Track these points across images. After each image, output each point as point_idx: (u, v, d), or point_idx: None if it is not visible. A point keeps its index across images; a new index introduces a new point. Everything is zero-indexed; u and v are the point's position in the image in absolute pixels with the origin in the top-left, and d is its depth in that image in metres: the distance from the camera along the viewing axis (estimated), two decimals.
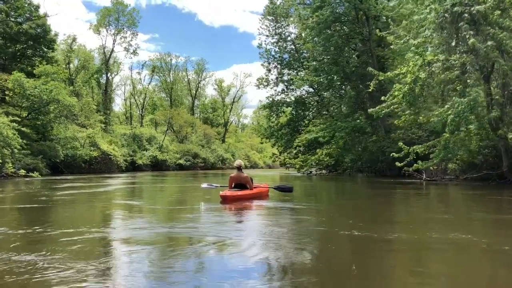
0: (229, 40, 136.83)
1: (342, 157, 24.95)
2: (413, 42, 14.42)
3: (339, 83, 28.21)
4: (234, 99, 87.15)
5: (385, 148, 23.54)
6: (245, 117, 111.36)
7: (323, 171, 31.67)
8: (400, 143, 16.96)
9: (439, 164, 18.10)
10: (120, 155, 44.99)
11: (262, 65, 36.90)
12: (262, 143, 52.38)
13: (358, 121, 25.74)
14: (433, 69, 13.70)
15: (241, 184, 10.28)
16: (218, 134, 79.88)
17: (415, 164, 16.42)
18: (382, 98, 16.60)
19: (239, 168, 10.39)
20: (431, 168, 17.35)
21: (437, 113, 13.66)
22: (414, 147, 16.39)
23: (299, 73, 33.33)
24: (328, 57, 25.86)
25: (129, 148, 49.84)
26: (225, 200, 9.48)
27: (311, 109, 36.44)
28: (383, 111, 16.57)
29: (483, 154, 16.24)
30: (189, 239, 5.45)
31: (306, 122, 36.33)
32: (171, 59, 78.10)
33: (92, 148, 39.52)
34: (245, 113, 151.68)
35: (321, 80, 27.01)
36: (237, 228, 6.63)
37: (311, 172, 31.03)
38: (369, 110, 18.30)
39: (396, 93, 15.00)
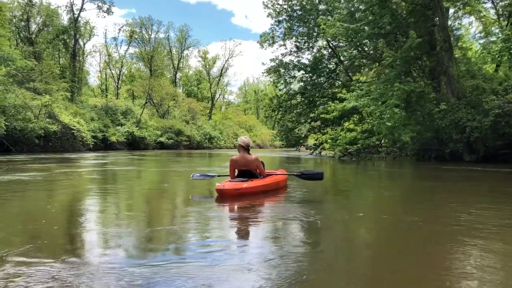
0: (206, 17, 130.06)
1: (393, 135, 17.58)
2: None
3: (383, 32, 20.39)
4: (222, 70, 78.70)
5: (465, 122, 16.23)
6: (230, 93, 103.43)
7: (337, 153, 24.15)
8: None
9: None
10: (88, 130, 36.95)
11: (269, 15, 28.79)
12: (266, 116, 44.76)
13: (414, 83, 18.15)
14: None
15: (248, 171, 6.72)
16: (204, 109, 71.80)
17: None
18: None
19: (244, 148, 6.80)
20: None
21: None
22: None
23: (319, 26, 25.27)
24: None
25: (100, 122, 41.61)
26: (222, 196, 5.97)
27: (328, 74, 28.75)
28: None
29: None
30: None
31: (323, 91, 28.71)
32: (152, 24, 69.09)
33: (49, 120, 31.37)
34: (230, 89, 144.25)
35: (363, 26, 19.23)
36: None
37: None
38: None
39: None
